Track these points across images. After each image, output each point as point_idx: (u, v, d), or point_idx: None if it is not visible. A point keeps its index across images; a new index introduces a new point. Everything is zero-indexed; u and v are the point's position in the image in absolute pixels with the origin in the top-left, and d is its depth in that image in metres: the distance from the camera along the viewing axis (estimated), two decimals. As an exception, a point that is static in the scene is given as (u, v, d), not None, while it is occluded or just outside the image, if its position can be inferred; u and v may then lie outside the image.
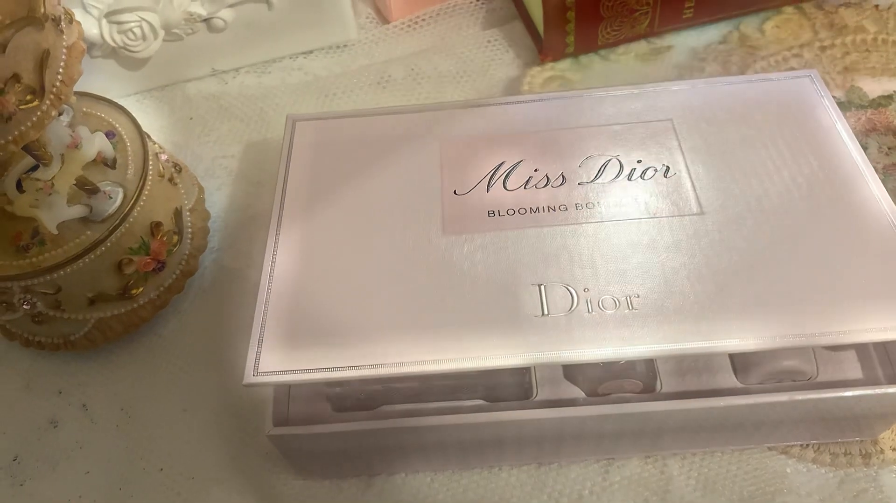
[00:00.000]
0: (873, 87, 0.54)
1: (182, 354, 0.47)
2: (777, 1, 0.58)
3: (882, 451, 0.40)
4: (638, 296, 0.35)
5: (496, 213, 0.39)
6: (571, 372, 0.39)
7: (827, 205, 0.38)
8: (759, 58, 0.56)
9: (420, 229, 0.39)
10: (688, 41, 0.58)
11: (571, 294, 0.36)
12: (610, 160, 0.41)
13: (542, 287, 0.36)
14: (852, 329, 0.34)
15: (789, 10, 0.58)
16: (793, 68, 0.55)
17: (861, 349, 0.40)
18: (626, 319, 0.35)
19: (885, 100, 0.53)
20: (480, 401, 0.39)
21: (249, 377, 0.35)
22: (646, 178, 0.40)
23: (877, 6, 0.58)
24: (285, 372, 0.35)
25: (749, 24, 0.58)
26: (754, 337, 0.34)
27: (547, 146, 0.42)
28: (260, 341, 0.36)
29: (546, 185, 0.40)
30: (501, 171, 0.41)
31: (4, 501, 0.42)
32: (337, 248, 0.39)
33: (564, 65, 0.57)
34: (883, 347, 0.39)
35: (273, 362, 0.35)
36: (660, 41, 0.58)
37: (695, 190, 0.39)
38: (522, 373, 0.38)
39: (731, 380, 0.39)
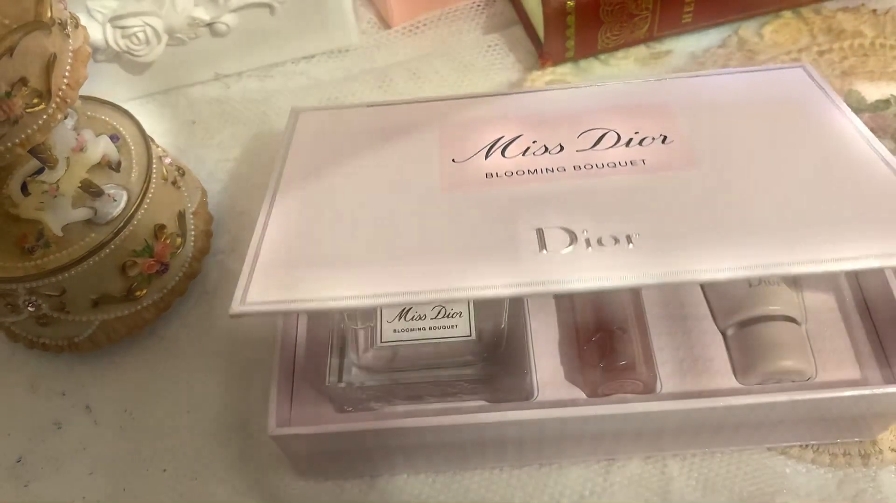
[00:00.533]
0: (871, 91, 0.54)
1: (185, 356, 0.47)
2: (775, 5, 0.58)
3: (881, 452, 0.40)
4: (638, 235, 0.35)
5: (494, 175, 0.39)
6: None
7: (813, 145, 0.39)
8: (758, 62, 0.56)
9: (418, 189, 0.39)
10: (687, 46, 0.58)
11: (570, 234, 0.35)
12: (608, 132, 0.41)
13: (542, 230, 0.36)
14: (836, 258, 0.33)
15: (788, 14, 0.59)
16: (791, 72, 0.55)
17: (859, 349, 0.40)
18: (626, 254, 0.34)
19: (883, 104, 0.53)
20: (482, 402, 0.39)
21: (236, 306, 0.34)
22: (643, 144, 0.40)
23: (874, 11, 0.58)
24: (275, 302, 0.34)
25: (748, 29, 0.58)
26: (741, 267, 0.33)
27: (546, 122, 0.43)
28: (251, 273, 0.35)
29: (544, 153, 0.40)
30: (500, 143, 0.41)
31: (9, 502, 0.43)
32: (335, 204, 0.39)
33: (565, 69, 0.58)
34: (881, 348, 0.40)
35: (262, 294, 0.34)
36: (659, 45, 0.58)
37: (692, 150, 0.40)
38: (524, 372, 0.38)
39: (730, 381, 0.40)
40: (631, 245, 0.34)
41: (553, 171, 0.39)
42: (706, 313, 0.42)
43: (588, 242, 0.35)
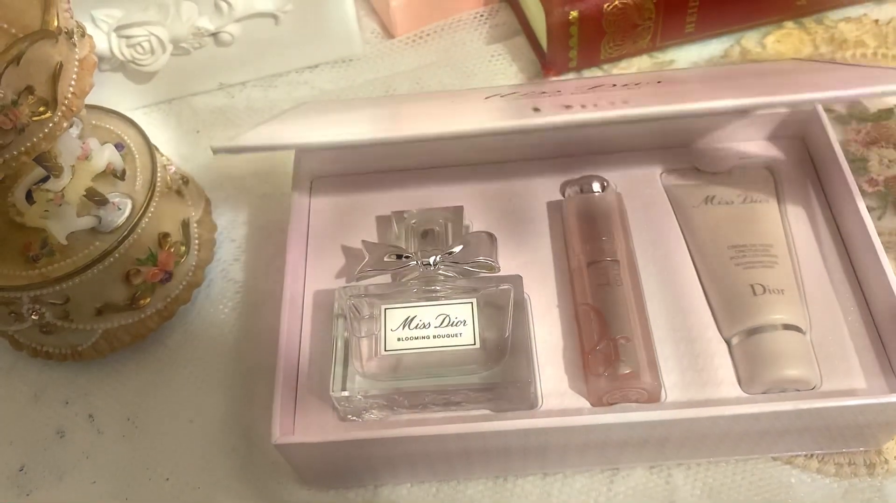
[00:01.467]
0: (874, 101, 0.54)
1: (188, 364, 0.47)
2: (778, 16, 0.58)
3: (886, 461, 0.40)
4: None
5: None
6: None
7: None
8: (761, 72, 0.56)
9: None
10: (689, 56, 0.58)
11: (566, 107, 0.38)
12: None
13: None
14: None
15: (790, 24, 0.59)
16: (794, 82, 0.56)
17: (864, 358, 0.40)
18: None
19: (885, 113, 0.53)
20: (486, 411, 0.39)
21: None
22: None
23: (877, 21, 0.58)
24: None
25: (750, 39, 0.59)
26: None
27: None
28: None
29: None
30: None
31: (11, 511, 0.43)
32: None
33: (568, 79, 0.58)
34: (886, 357, 0.40)
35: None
36: (662, 56, 0.58)
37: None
38: (528, 381, 0.38)
39: (735, 390, 0.40)
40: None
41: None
42: (710, 322, 0.42)
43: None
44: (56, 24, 0.33)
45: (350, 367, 0.39)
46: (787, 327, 0.40)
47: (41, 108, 0.34)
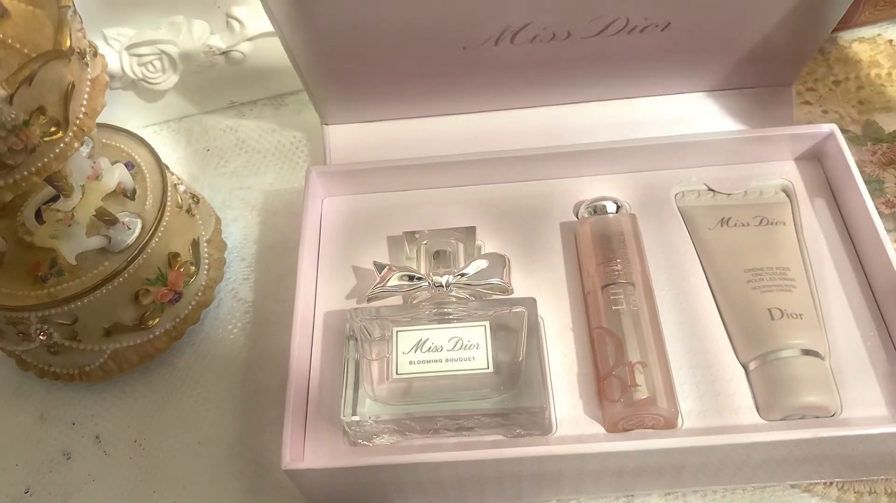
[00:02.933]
0: (889, 121, 0.54)
1: (197, 385, 0.47)
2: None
3: (908, 490, 0.39)
4: None
5: None
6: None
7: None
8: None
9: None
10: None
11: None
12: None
13: None
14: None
15: (803, 44, 0.58)
16: (808, 102, 0.55)
17: (885, 384, 0.39)
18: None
19: (902, 134, 0.53)
20: (499, 437, 0.38)
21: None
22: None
23: (891, 41, 0.58)
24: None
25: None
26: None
27: None
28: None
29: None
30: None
31: (16, 534, 0.42)
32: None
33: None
34: (908, 384, 0.39)
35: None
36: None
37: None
38: (543, 406, 0.37)
39: (753, 416, 0.39)
40: None
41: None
42: (727, 346, 0.41)
43: None
44: (68, 44, 0.33)
45: (361, 391, 0.38)
46: (805, 352, 0.39)
47: (52, 129, 0.34)
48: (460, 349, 0.38)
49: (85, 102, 0.35)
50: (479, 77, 0.47)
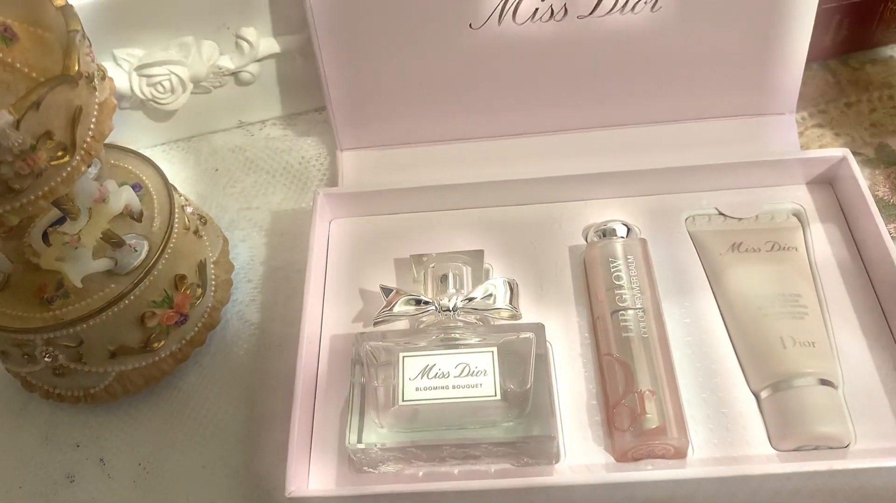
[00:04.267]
0: (902, 144, 0.53)
1: (202, 408, 0.46)
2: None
3: (924, 523, 0.38)
4: None
5: None
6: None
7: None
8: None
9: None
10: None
11: None
12: None
13: None
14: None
15: (814, 66, 0.58)
16: (819, 125, 0.55)
17: (901, 416, 0.39)
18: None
19: (915, 157, 0.52)
20: (507, 465, 0.38)
21: None
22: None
23: (904, 63, 0.57)
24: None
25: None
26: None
27: None
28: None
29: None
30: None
31: (18, 559, 0.42)
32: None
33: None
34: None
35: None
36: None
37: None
38: (551, 435, 0.37)
39: (765, 447, 0.38)
40: None
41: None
42: (739, 374, 0.40)
43: None
44: (77, 68, 0.33)
45: (367, 417, 0.37)
46: (818, 381, 0.38)
47: (59, 153, 0.33)
48: (467, 375, 0.38)
49: (92, 126, 0.35)
50: (489, 81, 0.48)
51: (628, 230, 0.44)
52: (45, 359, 0.42)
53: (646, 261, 0.43)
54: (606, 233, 0.44)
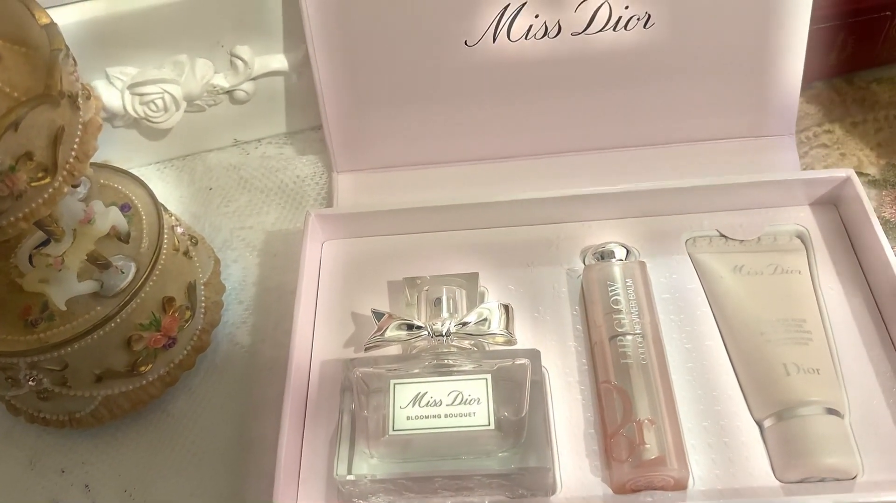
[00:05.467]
0: (909, 164, 0.52)
1: (191, 434, 0.45)
2: (806, 77, 0.57)
3: (935, 559, 0.37)
4: None
5: None
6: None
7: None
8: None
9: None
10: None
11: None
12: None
13: None
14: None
15: (819, 85, 0.57)
16: (824, 144, 0.54)
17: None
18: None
19: (922, 177, 0.51)
20: (501, 497, 0.37)
21: None
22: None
23: (910, 82, 0.57)
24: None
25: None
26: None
27: None
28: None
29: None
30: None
31: (-2, 589, 0.41)
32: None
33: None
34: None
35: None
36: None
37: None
38: (546, 466, 0.35)
39: (769, 478, 0.37)
40: None
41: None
42: (741, 403, 0.39)
43: None
44: (59, 87, 0.32)
45: (357, 447, 0.36)
46: (824, 410, 0.37)
47: (40, 174, 0.33)
48: (460, 404, 0.36)
49: (76, 146, 0.34)
50: (485, 100, 0.47)
51: (627, 252, 0.43)
52: (30, 382, 0.42)
53: (645, 285, 0.42)
54: (604, 255, 0.43)
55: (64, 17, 0.47)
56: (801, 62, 0.46)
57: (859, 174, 0.49)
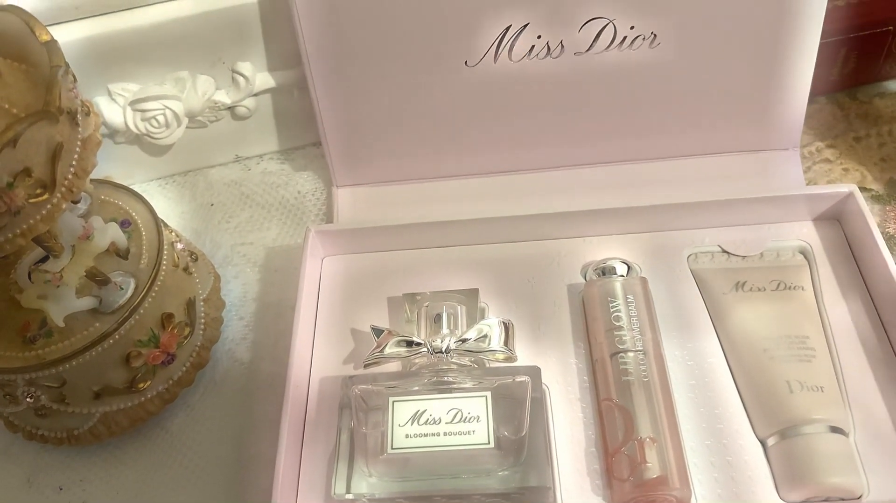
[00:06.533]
0: (913, 180, 0.52)
1: (190, 451, 0.45)
2: (809, 92, 0.57)
3: (942, 581, 0.36)
4: None
5: None
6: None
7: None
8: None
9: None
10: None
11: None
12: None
13: None
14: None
15: (822, 100, 0.57)
16: (827, 159, 0.53)
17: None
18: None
19: (926, 193, 0.51)
20: (499, 519, 0.36)
21: None
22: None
23: (913, 97, 0.56)
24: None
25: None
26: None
27: None
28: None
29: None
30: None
31: None
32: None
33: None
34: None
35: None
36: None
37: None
38: (547, 485, 0.35)
39: (772, 497, 0.36)
40: None
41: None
42: (744, 421, 0.39)
43: None
44: (58, 104, 0.32)
45: (356, 465, 0.36)
46: (828, 429, 0.37)
47: (38, 191, 0.33)
48: (459, 422, 0.36)
49: (75, 162, 0.34)
50: (486, 118, 0.47)
51: (628, 268, 0.43)
52: (28, 399, 0.41)
53: (646, 301, 0.42)
54: (606, 271, 0.43)
55: (66, 35, 0.47)
56: (809, 78, 0.46)
57: (863, 190, 0.49)
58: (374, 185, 0.50)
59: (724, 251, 0.45)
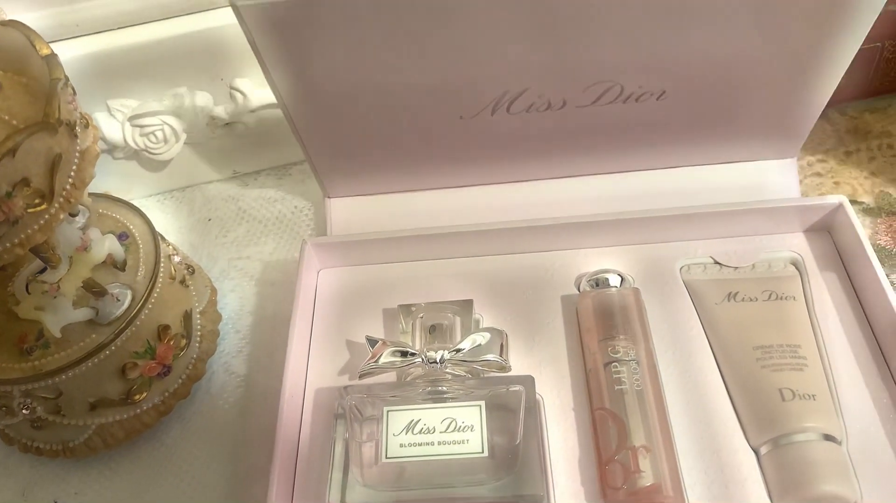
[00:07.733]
0: (905, 192, 0.52)
1: (185, 464, 0.45)
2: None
3: (937, 589, 0.36)
4: None
5: None
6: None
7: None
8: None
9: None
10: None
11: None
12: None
13: None
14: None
15: (812, 115, 0.58)
16: (818, 173, 0.54)
17: (908, 474, 0.37)
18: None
19: (916, 205, 0.51)
20: (493, 528, 0.36)
21: None
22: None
23: (902, 112, 0.57)
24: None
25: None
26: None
27: None
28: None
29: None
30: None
31: None
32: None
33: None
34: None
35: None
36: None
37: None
38: (540, 496, 0.35)
39: (766, 506, 0.36)
40: None
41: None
42: (737, 429, 0.39)
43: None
44: (57, 115, 0.33)
45: (350, 474, 0.36)
46: (821, 436, 0.37)
47: (37, 201, 0.33)
48: (454, 431, 0.36)
49: (73, 174, 0.35)
50: (480, 149, 0.47)
51: (622, 279, 0.43)
52: (23, 411, 0.41)
53: (639, 312, 0.42)
54: (599, 282, 0.43)
55: (67, 51, 0.48)
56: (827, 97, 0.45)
57: (854, 202, 0.50)
58: (368, 196, 0.50)
59: (717, 262, 0.46)
